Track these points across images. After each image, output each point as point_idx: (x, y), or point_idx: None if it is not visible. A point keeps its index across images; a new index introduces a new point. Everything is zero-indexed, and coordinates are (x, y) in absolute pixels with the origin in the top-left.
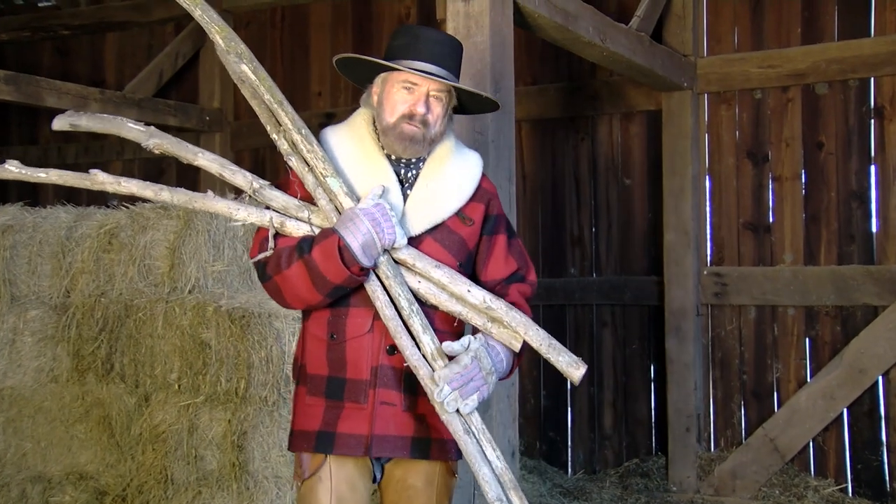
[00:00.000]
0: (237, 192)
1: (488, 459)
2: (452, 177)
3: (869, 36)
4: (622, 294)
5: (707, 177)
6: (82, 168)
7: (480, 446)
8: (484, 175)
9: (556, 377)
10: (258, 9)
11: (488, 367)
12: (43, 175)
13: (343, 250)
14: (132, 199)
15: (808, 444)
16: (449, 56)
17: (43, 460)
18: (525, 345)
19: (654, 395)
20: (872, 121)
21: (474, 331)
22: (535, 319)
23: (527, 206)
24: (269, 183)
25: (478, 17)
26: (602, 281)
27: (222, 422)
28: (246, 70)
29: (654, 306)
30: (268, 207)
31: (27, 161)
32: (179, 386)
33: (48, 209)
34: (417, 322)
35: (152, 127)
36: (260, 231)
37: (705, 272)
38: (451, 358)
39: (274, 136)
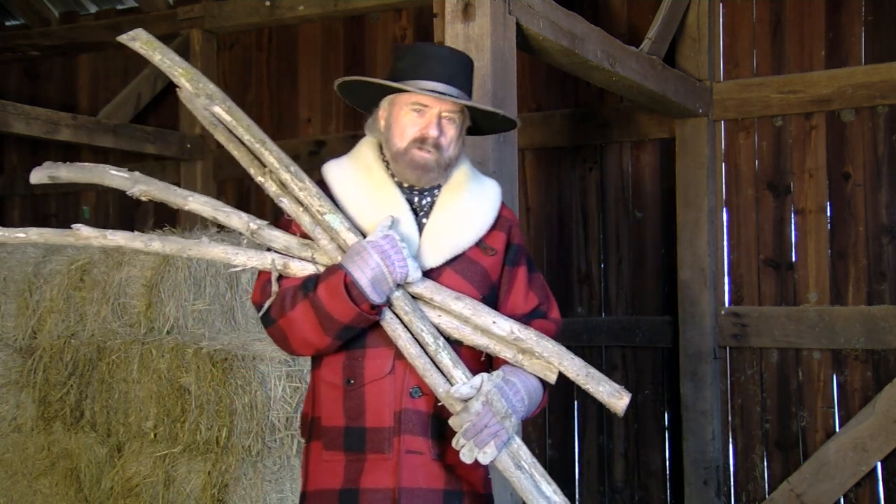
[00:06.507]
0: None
1: (546, 495)
2: (471, 204)
3: None
4: (633, 335)
5: (724, 210)
6: (52, 199)
7: (534, 481)
8: (503, 203)
9: (562, 425)
10: (243, 30)
11: (503, 411)
12: (22, 235)
13: (350, 287)
14: None
15: (839, 500)
16: (459, 73)
17: None
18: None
19: (669, 445)
20: None
21: (492, 366)
22: None
23: (531, 241)
24: (267, 223)
25: (478, 39)
26: (612, 321)
27: (202, 473)
28: (220, 111)
29: (667, 349)
30: (269, 249)
31: None
32: (155, 435)
33: (14, 243)
34: (447, 357)
35: (136, 172)
36: (262, 274)
37: (723, 312)
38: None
39: (259, 180)
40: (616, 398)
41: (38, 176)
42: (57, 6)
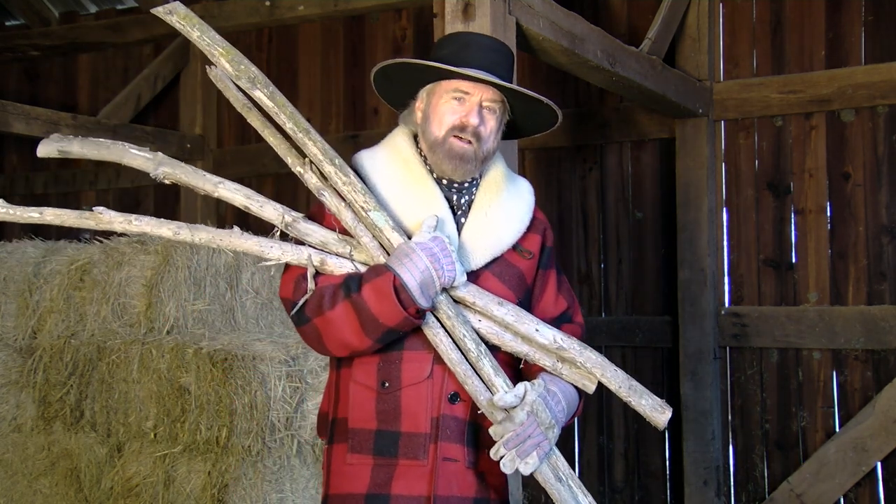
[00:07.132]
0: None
1: None
2: (510, 205)
3: None
4: (633, 335)
5: (724, 210)
6: (52, 199)
7: (573, 493)
8: (535, 204)
9: None
10: (243, 30)
11: (547, 421)
12: (36, 215)
13: (399, 289)
14: (106, 233)
15: (839, 500)
16: (501, 63)
17: None
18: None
19: (669, 445)
20: None
21: (523, 372)
22: None
23: None
24: (303, 215)
25: None
26: (612, 321)
27: (202, 473)
28: (262, 97)
29: (667, 349)
30: (302, 243)
31: None
32: (155, 435)
33: (14, 243)
34: (488, 364)
35: (160, 154)
36: (291, 269)
37: (723, 312)
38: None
39: (298, 170)
40: (658, 412)
41: (46, 149)
42: (57, 6)
